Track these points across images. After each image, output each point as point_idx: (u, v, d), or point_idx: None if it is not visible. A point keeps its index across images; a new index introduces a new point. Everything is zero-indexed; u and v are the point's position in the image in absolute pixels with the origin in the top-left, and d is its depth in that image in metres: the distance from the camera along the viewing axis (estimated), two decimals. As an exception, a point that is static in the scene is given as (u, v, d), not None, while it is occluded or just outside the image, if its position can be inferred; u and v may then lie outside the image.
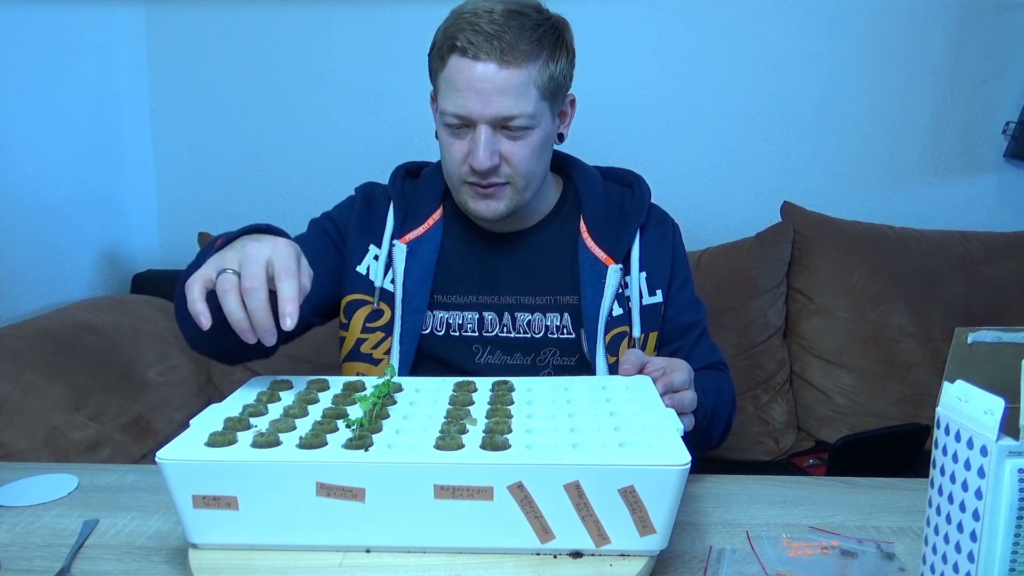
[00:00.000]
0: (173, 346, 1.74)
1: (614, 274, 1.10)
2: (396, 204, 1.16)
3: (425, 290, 1.12)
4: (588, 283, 1.10)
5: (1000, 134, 2.04)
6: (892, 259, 1.89)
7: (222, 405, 0.82)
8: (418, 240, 1.13)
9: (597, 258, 1.11)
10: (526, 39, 1.00)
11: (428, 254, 1.13)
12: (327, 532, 0.70)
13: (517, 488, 0.67)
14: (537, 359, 1.13)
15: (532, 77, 1.01)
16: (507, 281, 1.14)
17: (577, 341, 1.12)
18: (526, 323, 1.13)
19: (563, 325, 1.13)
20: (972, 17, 1.99)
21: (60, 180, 1.78)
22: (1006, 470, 0.55)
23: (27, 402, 1.32)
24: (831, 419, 1.84)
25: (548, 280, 1.14)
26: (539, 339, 1.13)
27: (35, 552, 0.79)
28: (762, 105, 2.04)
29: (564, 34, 1.06)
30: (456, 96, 1.01)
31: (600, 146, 2.00)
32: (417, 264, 1.12)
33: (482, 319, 1.13)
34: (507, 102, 1.00)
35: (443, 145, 1.08)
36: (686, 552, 0.78)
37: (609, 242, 1.12)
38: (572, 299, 1.13)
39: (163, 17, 2.03)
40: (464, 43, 0.99)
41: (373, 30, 2.03)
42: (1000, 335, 0.62)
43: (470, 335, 1.13)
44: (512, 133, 1.03)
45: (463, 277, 1.14)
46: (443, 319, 1.13)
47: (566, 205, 1.18)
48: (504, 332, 1.13)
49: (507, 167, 1.04)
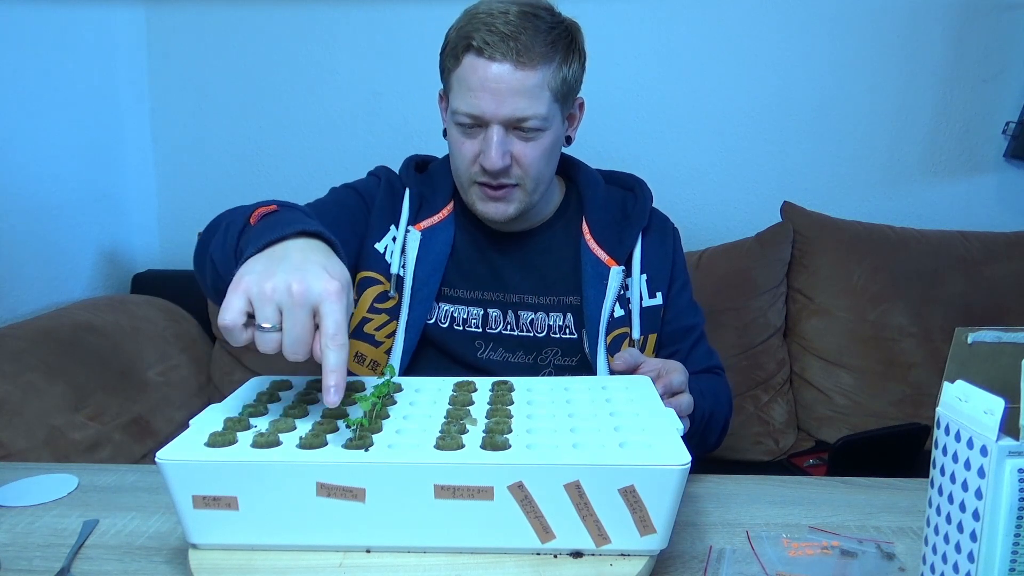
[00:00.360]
0: (173, 346, 1.74)
1: (616, 276, 1.11)
2: (412, 191, 1.16)
3: (435, 281, 1.12)
4: (590, 284, 1.11)
5: (1000, 134, 2.04)
6: (892, 259, 1.89)
7: (222, 405, 0.82)
8: (432, 229, 1.13)
9: (599, 259, 1.12)
10: (541, 41, 1.00)
11: (441, 245, 1.13)
12: (327, 532, 0.70)
13: (517, 488, 0.67)
14: (539, 358, 1.13)
15: (546, 79, 1.01)
16: (512, 279, 1.14)
17: (579, 341, 1.13)
18: (529, 322, 1.13)
19: (565, 325, 1.13)
20: (972, 17, 1.99)
21: (60, 180, 1.78)
22: (1006, 470, 0.55)
23: (27, 402, 1.33)
24: (831, 419, 1.84)
25: (552, 280, 1.14)
26: (542, 338, 1.13)
27: (35, 552, 0.79)
28: (762, 105, 2.04)
29: (577, 37, 1.06)
30: (470, 95, 1.01)
31: (600, 146, 2.00)
32: (430, 254, 1.12)
33: (487, 315, 1.13)
34: (521, 103, 1.00)
35: (453, 144, 1.08)
36: (686, 552, 0.78)
37: (611, 244, 1.13)
38: (575, 299, 1.13)
39: (163, 17, 2.03)
40: (480, 43, 0.99)
41: (373, 30, 2.03)
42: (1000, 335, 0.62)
43: (474, 330, 1.13)
44: (524, 134, 1.03)
45: (470, 273, 1.14)
46: (448, 312, 1.13)
47: (569, 207, 1.19)
48: (508, 330, 1.13)
49: (518, 168, 1.05)
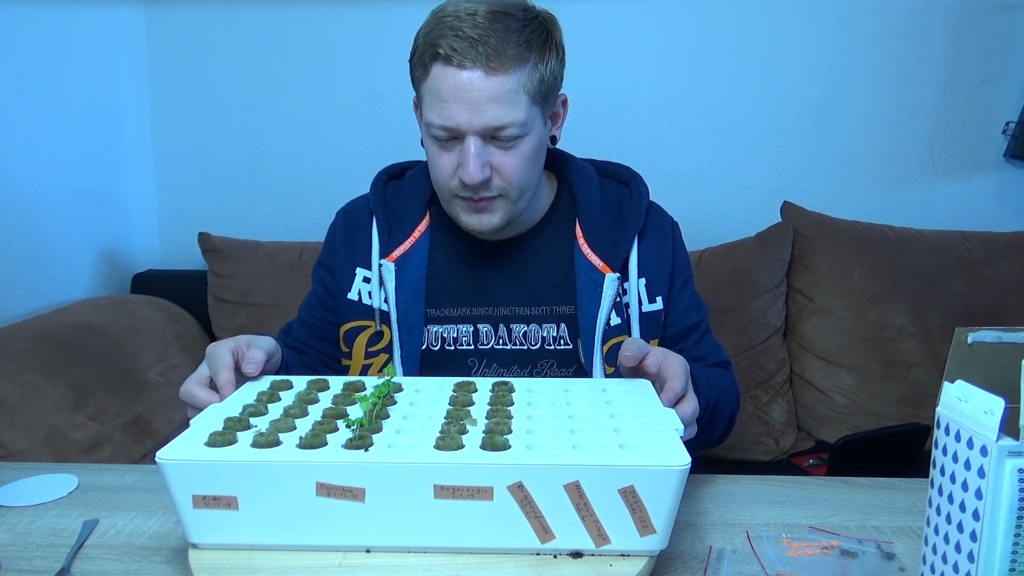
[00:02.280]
0: (173, 346, 1.74)
1: (611, 283, 1.05)
2: (379, 218, 1.11)
3: (419, 306, 1.07)
4: (584, 292, 1.05)
5: (1000, 134, 2.04)
6: (892, 259, 1.89)
7: (222, 405, 0.82)
8: (405, 256, 1.08)
9: (594, 266, 1.05)
10: (513, 42, 0.93)
11: (416, 268, 1.08)
12: (327, 532, 0.70)
13: (517, 488, 0.67)
14: (534, 371, 1.09)
15: (521, 82, 0.94)
16: (501, 292, 1.09)
17: (575, 352, 1.08)
18: (522, 335, 1.08)
19: (560, 336, 1.08)
20: (972, 17, 1.99)
21: (60, 180, 1.78)
22: (1006, 470, 0.55)
23: (27, 402, 1.33)
24: (831, 419, 1.84)
25: (543, 290, 1.09)
26: (536, 351, 1.09)
27: (35, 552, 0.79)
28: (762, 105, 2.04)
29: (553, 32, 0.99)
30: (442, 107, 0.95)
31: (600, 146, 1.98)
32: (407, 281, 1.07)
33: (477, 332, 1.08)
34: (496, 111, 0.94)
35: (430, 158, 1.02)
36: (686, 552, 0.78)
37: (606, 249, 1.07)
38: (568, 309, 1.08)
39: (163, 17, 2.03)
40: (447, 50, 0.93)
41: (373, 30, 2.03)
42: (1000, 335, 0.62)
43: (466, 348, 1.09)
44: (503, 143, 0.97)
45: (455, 289, 1.09)
46: (438, 333, 1.09)
47: (561, 208, 1.12)
48: (500, 344, 1.09)
49: (499, 179, 0.99)
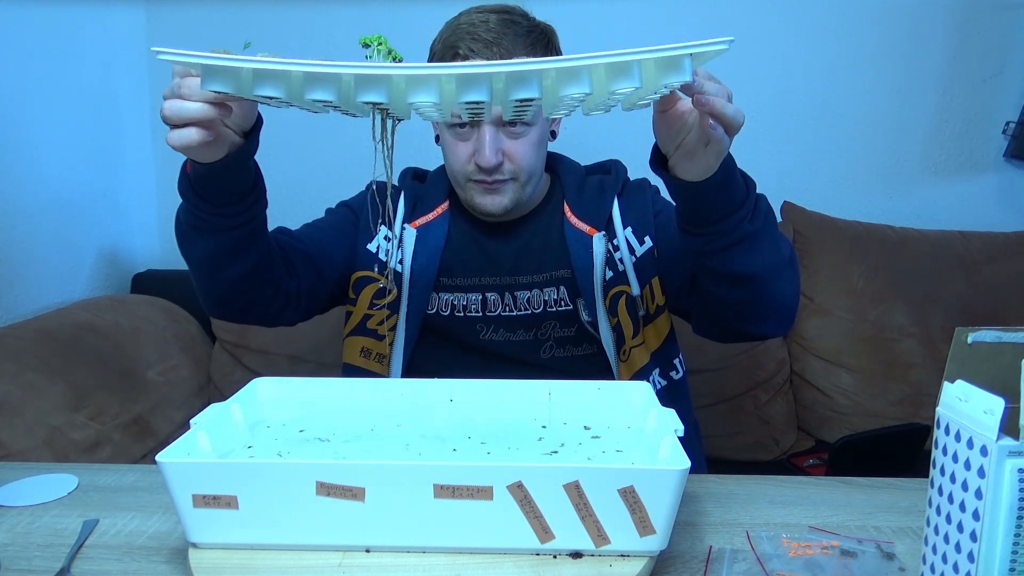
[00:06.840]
0: (173, 346, 1.74)
1: (599, 242, 1.18)
2: (407, 194, 1.26)
3: (432, 272, 1.20)
4: (577, 256, 1.18)
5: (1000, 134, 2.04)
6: (892, 259, 1.88)
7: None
8: (427, 225, 1.22)
9: (581, 231, 1.19)
10: (521, 44, 1.09)
11: (436, 239, 1.21)
12: (327, 532, 0.70)
13: (517, 488, 0.67)
14: (539, 333, 1.21)
15: None
16: (507, 263, 1.22)
17: (574, 312, 1.20)
18: (526, 300, 1.21)
19: (560, 298, 1.20)
20: (972, 17, 1.98)
21: (60, 180, 1.78)
22: (1006, 470, 0.55)
23: (27, 402, 1.32)
24: (831, 419, 1.84)
25: (542, 258, 1.22)
26: (539, 314, 1.21)
27: (35, 552, 0.79)
28: (762, 105, 2.04)
29: (552, 39, 1.15)
30: None
31: (600, 146, 1.98)
32: (426, 248, 1.20)
33: (485, 299, 1.21)
34: None
35: (447, 147, 1.16)
36: (686, 552, 0.78)
37: (589, 214, 1.20)
38: (565, 272, 1.20)
39: (163, 17, 2.03)
40: (466, 51, 1.07)
41: (373, 30, 2.02)
42: (1000, 335, 0.62)
43: (475, 315, 1.21)
44: (513, 131, 1.11)
45: (467, 262, 1.22)
46: (448, 300, 1.21)
47: (553, 196, 1.27)
48: (506, 311, 1.21)
49: (510, 164, 1.13)
